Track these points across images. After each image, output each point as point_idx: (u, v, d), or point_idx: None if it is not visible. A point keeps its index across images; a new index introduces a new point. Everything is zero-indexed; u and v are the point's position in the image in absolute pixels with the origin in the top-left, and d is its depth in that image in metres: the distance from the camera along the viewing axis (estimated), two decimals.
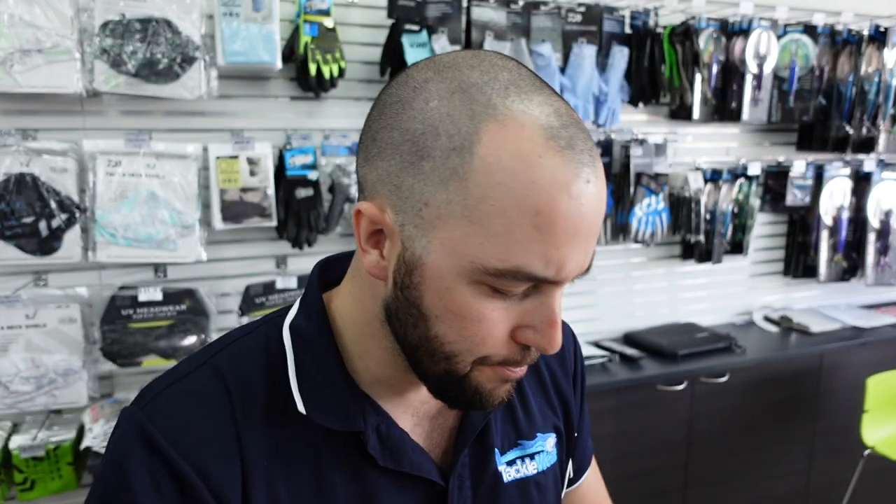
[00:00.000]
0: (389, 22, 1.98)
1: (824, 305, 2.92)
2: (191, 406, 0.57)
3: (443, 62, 0.52)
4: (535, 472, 0.70)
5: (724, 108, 2.43)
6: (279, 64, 1.81)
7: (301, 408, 0.57)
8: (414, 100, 0.51)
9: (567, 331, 0.78)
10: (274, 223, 1.91)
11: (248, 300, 1.92)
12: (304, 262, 2.06)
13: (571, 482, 0.81)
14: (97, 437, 1.62)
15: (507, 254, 0.48)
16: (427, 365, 0.55)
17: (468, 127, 0.48)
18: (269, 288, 1.95)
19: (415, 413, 0.64)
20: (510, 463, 0.68)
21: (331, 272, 0.65)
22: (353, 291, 0.60)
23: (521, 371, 0.56)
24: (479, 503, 0.65)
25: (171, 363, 1.81)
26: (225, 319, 1.98)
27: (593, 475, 0.86)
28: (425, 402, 0.63)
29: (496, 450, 0.67)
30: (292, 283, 1.97)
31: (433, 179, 0.49)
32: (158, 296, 1.83)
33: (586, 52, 2.18)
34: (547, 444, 0.72)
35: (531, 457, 0.70)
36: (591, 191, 0.49)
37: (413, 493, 0.61)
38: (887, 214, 2.77)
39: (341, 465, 0.59)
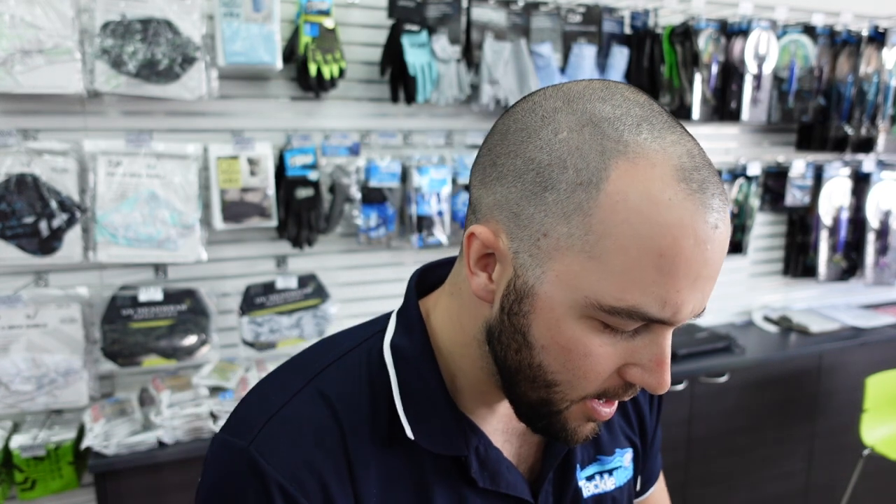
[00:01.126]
0: (389, 22, 1.98)
1: (824, 305, 2.92)
2: (303, 436, 0.55)
3: (572, 92, 0.52)
4: (612, 487, 0.70)
5: (723, 108, 2.44)
6: (279, 64, 1.81)
7: (410, 433, 0.57)
8: (541, 129, 0.50)
9: None
10: (274, 223, 1.91)
11: (249, 300, 1.93)
12: (304, 262, 2.07)
13: (636, 495, 0.81)
14: (98, 436, 1.63)
15: (623, 292, 0.47)
16: (524, 389, 0.54)
17: (597, 163, 0.48)
18: (269, 288, 1.95)
19: (505, 429, 0.64)
20: (589, 478, 0.68)
21: (428, 278, 0.65)
22: (451, 309, 0.59)
23: (609, 412, 0.55)
24: None
25: (172, 363, 1.82)
26: (225, 319, 1.98)
27: (660, 489, 0.86)
28: (514, 418, 0.62)
29: (577, 465, 0.67)
30: (292, 283, 1.97)
31: (555, 211, 0.49)
32: (159, 296, 1.83)
33: (586, 53, 2.18)
34: (625, 460, 0.72)
35: (609, 472, 0.70)
36: (718, 236, 0.48)
37: None
38: (886, 214, 2.77)
39: (446, 488, 0.59)
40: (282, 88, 1.98)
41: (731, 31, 2.42)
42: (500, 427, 0.63)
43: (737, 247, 2.63)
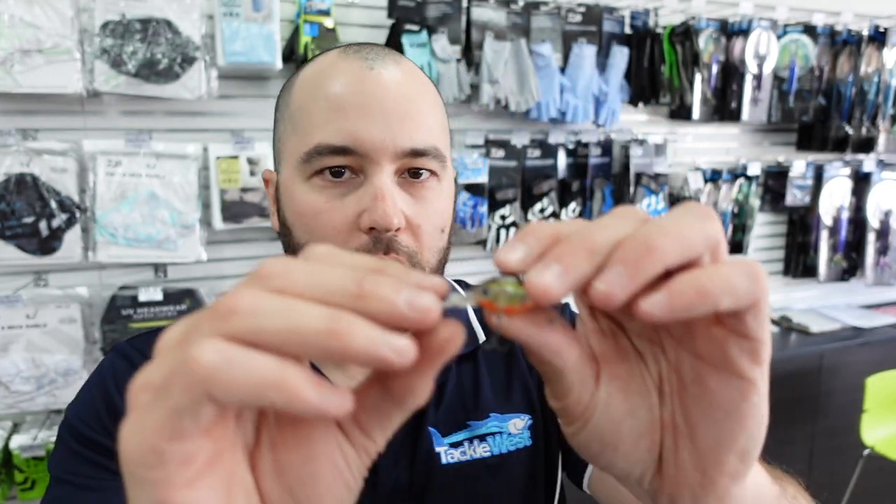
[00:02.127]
0: (390, 22, 1.98)
1: (824, 305, 2.92)
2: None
3: None
4: (486, 454, 0.67)
5: (723, 108, 2.43)
6: (279, 64, 1.81)
7: None
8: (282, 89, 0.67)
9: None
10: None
11: None
12: None
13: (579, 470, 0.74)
14: None
15: (311, 136, 0.58)
16: None
17: (295, 76, 0.64)
18: None
19: (353, 380, 0.64)
20: (455, 445, 0.66)
21: None
22: None
23: None
24: (415, 484, 0.64)
25: None
26: None
27: None
28: (364, 373, 0.66)
29: (432, 430, 0.66)
30: None
31: (280, 122, 0.64)
32: (159, 296, 1.83)
33: (586, 52, 2.18)
34: (510, 426, 0.69)
35: (481, 438, 0.68)
36: (376, 75, 0.58)
37: None
38: (887, 214, 2.77)
39: None
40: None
41: (731, 31, 2.42)
42: (347, 380, 0.66)
43: (737, 247, 2.63)
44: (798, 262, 2.80)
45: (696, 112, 2.36)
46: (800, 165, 2.65)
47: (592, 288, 0.28)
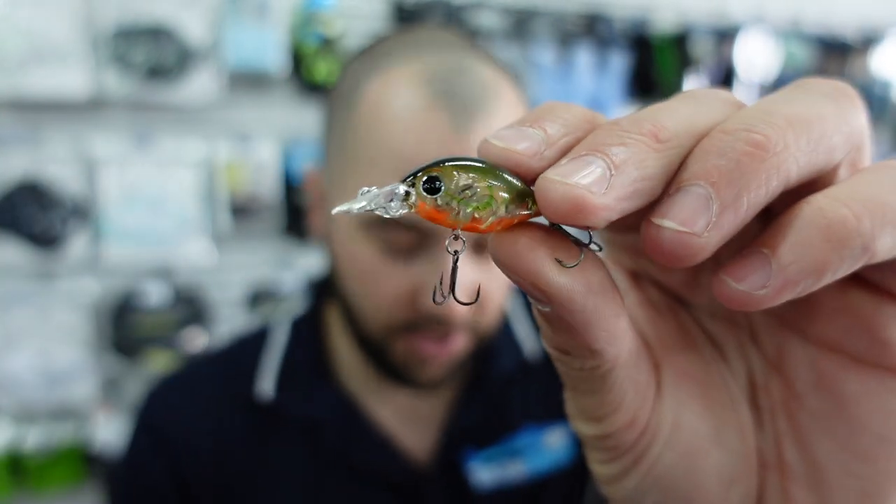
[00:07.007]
0: (392, 25, 2.01)
1: None
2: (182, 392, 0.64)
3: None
4: (522, 476, 0.61)
5: None
6: (284, 68, 1.84)
7: (269, 388, 0.60)
8: (339, 78, 0.56)
9: None
10: (280, 225, 1.93)
11: (253, 302, 1.94)
12: (311, 262, 2.08)
13: None
14: (104, 436, 1.64)
15: None
16: (351, 327, 0.56)
17: (361, 83, 0.51)
18: (273, 289, 1.97)
19: (399, 410, 0.61)
20: (489, 460, 0.60)
21: None
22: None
23: (436, 349, 0.52)
24: None
25: (176, 364, 1.83)
26: (230, 320, 2.00)
27: None
28: (411, 402, 0.61)
29: (466, 447, 0.60)
30: (297, 285, 1.99)
31: (336, 132, 0.52)
32: (165, 296, 1.85)
33: (584, 56, 2.21)
34: (546, 440, 0.62)
35: (515, 453, 0.60)
36: (461, 141, 0.46)
37: (377, 489, 0.57)
38: None
39: (295, 452, 0.60)
40: (287, 92, 2.00)
41: (727, 35, 2.45)
42: (391, 407, 0.61)
43: None
44: None
45: None
46: None
47: (651, 225, 0.16)
